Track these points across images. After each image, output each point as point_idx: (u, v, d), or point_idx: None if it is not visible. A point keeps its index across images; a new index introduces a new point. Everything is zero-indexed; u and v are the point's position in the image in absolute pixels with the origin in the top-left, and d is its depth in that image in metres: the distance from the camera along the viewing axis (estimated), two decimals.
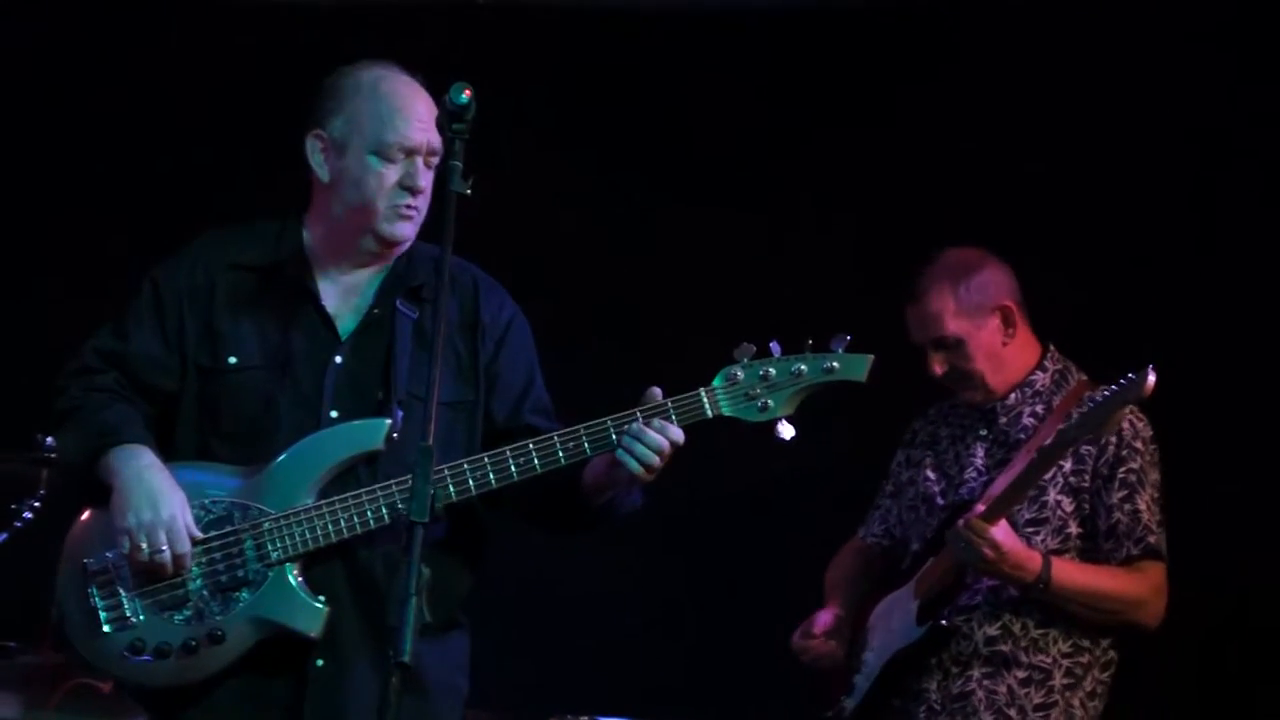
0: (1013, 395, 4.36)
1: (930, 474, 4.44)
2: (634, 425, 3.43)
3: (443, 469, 3.42)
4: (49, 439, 4.90)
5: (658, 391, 3.48)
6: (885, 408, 4.62)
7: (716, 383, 3.49)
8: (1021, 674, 4.20)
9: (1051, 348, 4.41)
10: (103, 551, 3.51)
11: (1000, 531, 4.08)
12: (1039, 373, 4.37)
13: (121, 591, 3.49)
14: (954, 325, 4.31)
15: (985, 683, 4.21)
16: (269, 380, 3.58)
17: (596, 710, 4.81)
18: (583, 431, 3.47)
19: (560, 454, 3.46)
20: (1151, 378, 3.92)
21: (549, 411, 3.70)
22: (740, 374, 3.49)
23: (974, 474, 4.35)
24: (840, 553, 4.66)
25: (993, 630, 4.22)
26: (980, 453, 4.37)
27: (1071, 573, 4.16)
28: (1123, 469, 4.22)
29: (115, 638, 3.48)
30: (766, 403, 3.48)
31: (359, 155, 3.57)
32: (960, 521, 4.13)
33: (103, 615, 3.49)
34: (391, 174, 3.56)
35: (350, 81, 3.62)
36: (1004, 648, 4.22)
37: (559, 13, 5.87)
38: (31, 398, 5.53)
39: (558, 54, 5.87)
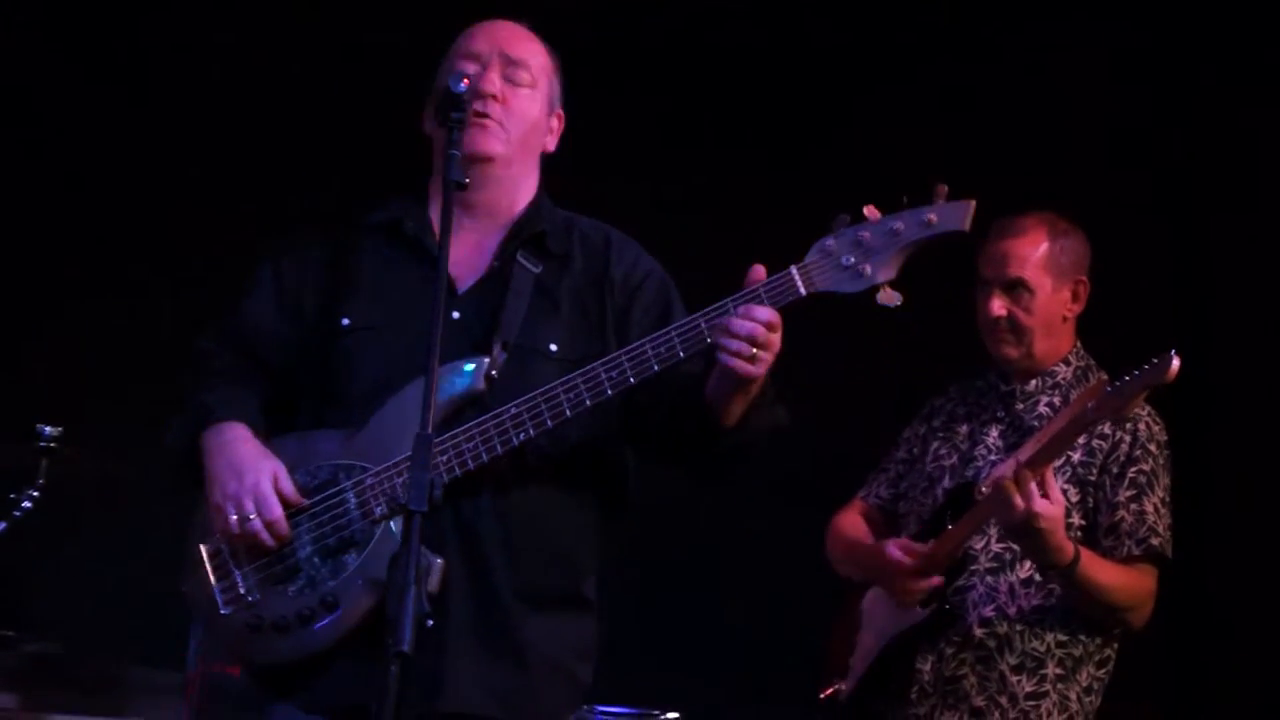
0: (1033, 382, 4.35)
1: (942, 451, 4.42)
2: (716, 318, 3.21)
3: (535, 395, 3.25)
4: (47, 428, 4.91)
5: (761, 270, 3.24)
6: (897, 399, 4.64)
7: (809, 257, 3.24)
8: (1014, 660, 4.18)
9: (1078, 344, 4.40)
10: (213, 534, 3.38)
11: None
12: (1062, 365, 4.36)
13: (235, 571, 3.36)
14: (1035, 274, 4.28)
15: (978, 667, 4.19)
16: (381, 340, 3.42)
17: (594, 700, 4.81)
18: (674, 332, 3.25)
19: (652, 360, 3.24)
20: (1175, 362, 3.87)
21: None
22: (833, 242, 3.23)
23: (984, 452, 4.33)
24: (843, 517, 4.55)
25: (987, 612, 4.20)
26: (994, 434, 4.35)
27: (1094, 567, 4.09)
28: (1133, 469, 4.20)
29: (234, 618, 3.35)
30: (864, 269, 3.22)
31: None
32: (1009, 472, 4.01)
33: (220, 597, 3.36)
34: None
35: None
36: (999, 630, 4.20)
37: None
38: (30, 387, 5.57)
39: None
